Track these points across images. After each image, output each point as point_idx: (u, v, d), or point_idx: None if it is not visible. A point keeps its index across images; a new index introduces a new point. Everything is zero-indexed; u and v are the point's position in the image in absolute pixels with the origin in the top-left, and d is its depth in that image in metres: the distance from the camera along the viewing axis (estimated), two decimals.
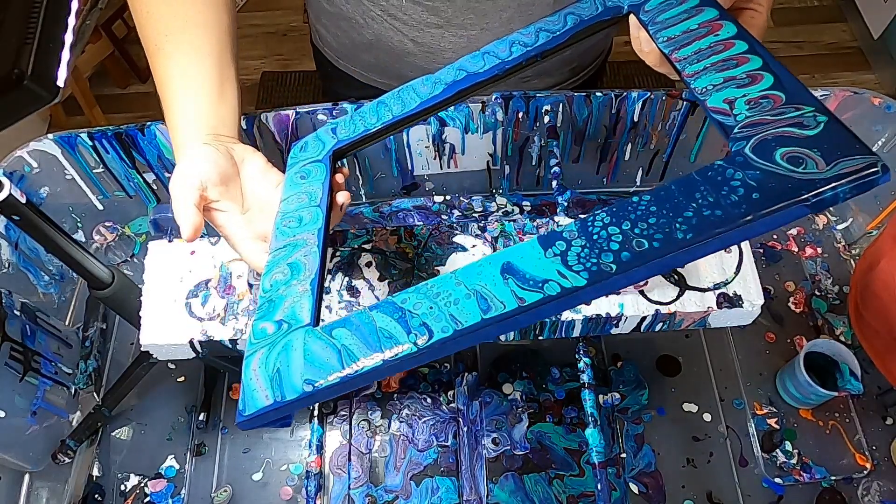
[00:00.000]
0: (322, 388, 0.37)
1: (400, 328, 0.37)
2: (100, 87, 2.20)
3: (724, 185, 0.35)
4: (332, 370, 0.37)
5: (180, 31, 0.57)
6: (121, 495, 0.75)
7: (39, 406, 0.73)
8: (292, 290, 0.45)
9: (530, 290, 0.36)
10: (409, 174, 0.89)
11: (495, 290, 0.37)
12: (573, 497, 0.73)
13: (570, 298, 0.35)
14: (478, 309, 0.36)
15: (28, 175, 0.77)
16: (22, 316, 0.73)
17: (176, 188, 0.51)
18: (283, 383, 0.38)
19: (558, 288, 0.35)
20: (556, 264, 0.36)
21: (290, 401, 0.38)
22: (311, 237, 0.49)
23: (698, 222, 0.35)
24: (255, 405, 0.38)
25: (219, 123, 0.57)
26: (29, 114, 0.37)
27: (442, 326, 0.37)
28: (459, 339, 0.36)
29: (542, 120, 0.81)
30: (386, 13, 0.78)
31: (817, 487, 0.74)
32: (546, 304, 0.35)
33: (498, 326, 0.36)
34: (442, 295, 0.38)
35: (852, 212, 0.88)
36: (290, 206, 0.52)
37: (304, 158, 0.58)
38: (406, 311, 0.38)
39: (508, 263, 0.38)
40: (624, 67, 2.19)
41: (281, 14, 2.41)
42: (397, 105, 0.56)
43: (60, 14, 0.36)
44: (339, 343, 0.39)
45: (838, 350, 0.74)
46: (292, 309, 0.43)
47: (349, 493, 0.74)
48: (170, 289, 0.63)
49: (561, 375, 0.80)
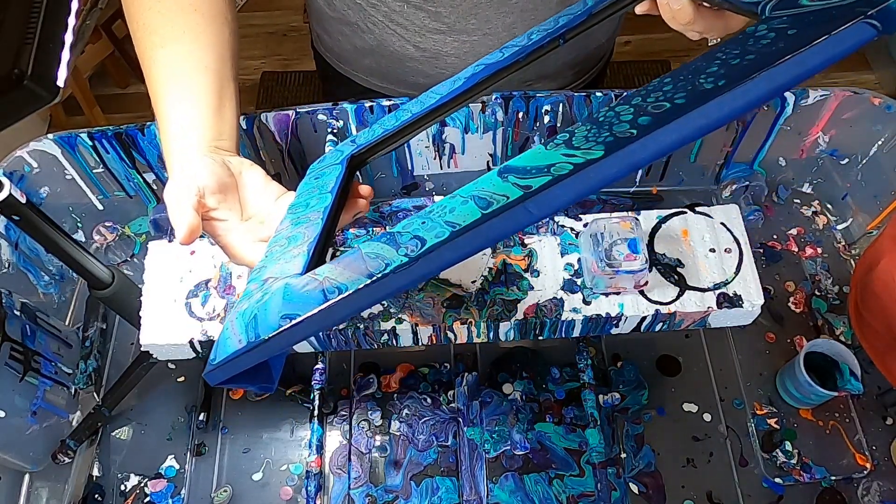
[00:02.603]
0: (302, 321, 0.33)
1: (388, 248, 0.33)
2: (100, 87, 2.20)
3: (750, 38, 0.29)
4: (312, 302, 0.33)
5: (177, 41, 0.56)
6: (121, 495, 0.75)
7: (39, 406, 0.73)
8: (287, 254, 0.42)
9: (534, 176, 0.30)
10: (409, 174, 0.89)
11: (494, 188, 0.31)
12: (573, 497, 0.73)
13: (587, 175, 0.29)
14: (476, 208, 0.31)
15: (28, 175, 0.77)
16: (22, 316, 0.73)
17: (172, 192, 0.50)
18: (258, 325, 0.34)
19: (569, 166, 0.29)
20: (561, 149, 0.31)
21: (265, 340, 0.33)
22: (315, 214, 0.46)
23: (727, 71, 0.28)
24: (226, 350, 0.34)
25: (216, 136, 0.55)
26: (29, 114, 0.37)
27: (436, 233, 0.31)
28: (458, 244, 0.30)
29: (542, 120, 0.81)
30: (388, 18, 0.77)
31: (817, 487, 0.74)
32: (557, 186, 0.29)
33: (502, 221, 0.30)
34: (436, 210, 0.33)
35: (852, 212, 0.88)
36: (300, 199, 0.51)
37: (320, 166, 0.56)
38: (395, 233, 0.34)
39: (506, 166, 0.33)
40: (624, 67, 2.19)
41: (281, 14, 2.41)
42: (416, 107, 0.54)
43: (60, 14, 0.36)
44: (321, 276, 0.34)
45: (838, 350, 0.74)
46: (283, 269, 0.40)
47: (349, 493, 0.74)
48: (170, 289, 0.63)
49: (561, 375, 0.80)
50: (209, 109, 0.55)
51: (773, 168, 0.90)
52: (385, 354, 0.82)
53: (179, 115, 0.55)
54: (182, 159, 0.53)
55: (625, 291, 0.62)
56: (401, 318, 0.61)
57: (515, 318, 0.61)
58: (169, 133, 0.55)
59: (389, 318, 0.61)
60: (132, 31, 0.58)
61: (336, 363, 0.82)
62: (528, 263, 0.64)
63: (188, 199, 0.49)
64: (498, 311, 0.61)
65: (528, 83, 0.87)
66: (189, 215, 0.48)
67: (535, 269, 0.64)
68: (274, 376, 0.38)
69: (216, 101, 0.56)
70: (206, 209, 0.51)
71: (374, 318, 0.61)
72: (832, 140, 0.85)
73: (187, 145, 0.54)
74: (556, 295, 0.62)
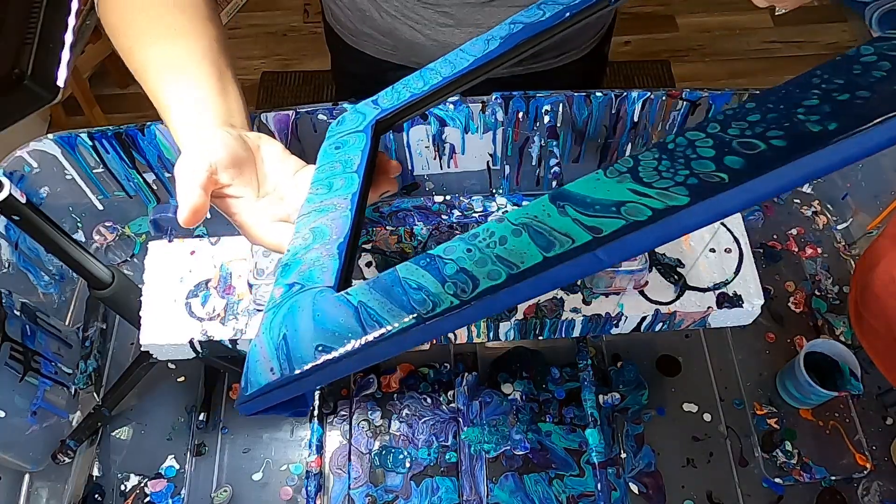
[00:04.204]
0: (340, 358, 0.29)
1: (431, 279, 0.29)
2: (100, 87, 2.20)
3: (855, 65, 0.25)
4: (349, 334, 0.30)
5: (168, 38, 0.55)
6: (121, 495, 0.75)
7: (39, 406, 0.73)
8: (313, 253, 0.38)
9: (601, 215, 0.26)
10: (409, 174, 0.89)
11: (552, 222, 0.27)
12: (573, 497, 0.73)
13: (668, 224, 0.25)
14: (534, 247, 0.27)
15: (28, 175, 0.77)
16: (22, 316, 0.73)
17: (182, 167, 0.46)
18: (290, 353, 0.31)
19: (646, 211, 0.25)
20: (627, 182, 0.27)
21: (301, 374, 0.30)
22: (342, 202, 0.42)
23: (834, 109, 0.24)
24: (258, 380, 0.31)
25: (226, 114, 0.53)
26: (29, 114, 0.37)
27: (489, 272, 0.27)
28: (517, 290, 0.27)
29: (542, 120, 0.81)
30: (399, 12, 0.80)
31: (817, 487, 0.74)
32: (633, 234, 0.25)
33: (568, 268, 0.26)
34: (482, 237, 0.29)
35: (852, 212, 0.88)
36: (322, 175, 0.47)
37: (340, 132, 0.52)
38: (436, 257, 0.30)
39: (561, 193, 0.28)
40: (624, 67, 2.19)
41: (281, 14, 2.41)
42: (446, 68, 0.49)
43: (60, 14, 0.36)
44: (354, 299, 0.31)
45: (838, 350, 0.74)
46: (310, 272, 0.36)
47: (349, 493, 0.74)
48: (170, 289, 0.63)
49: (561, 375, 0.80)
50: (213, 91, 0.54)
51: None
52: None
53: (185, 98, 0.53)
54: (194, 134, 0.51)
55: (625, 291, 0.62)
56: None
57: (515, 318, 0.61)
58: (175, 117, 0.52)
59: None
60: (116, 36, 0.57)
61: None
62: None
63: (198, 176, 0.46)
64: None
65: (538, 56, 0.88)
66: (195, 195, 0.45)
67: None
68: (308, 402, 0.35)
69: (219, 85, 0.55)
70: (218, 186, 0.48)
71: None
72: None
73: (199, 122, 0.51)
74: (556, 295, 0.62)
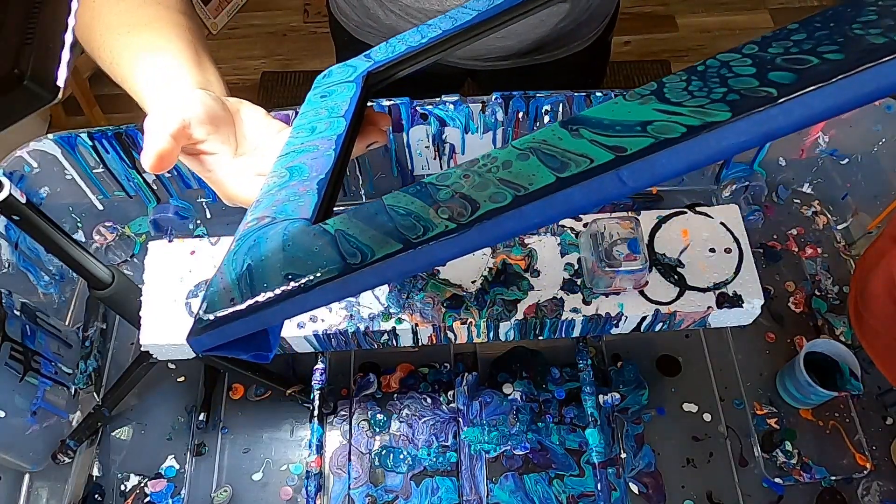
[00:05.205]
0: (312, 288, 0.26)
1: (422, 205, 0.25)
2: (100, 87, 2.20)
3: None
4: (324, 263, 0.26)
5: (145, 26, 0.53)
6: (121, 495, 0.75)
7: (39, 406, 0.73)
8: (289, 190, 0.34)
9: (624, 135, 0.23)
10: (409, 174, 0.89)
11: (563, 144, 0.24)
12: (573, 497, 0.73)
13: (706, 142, 0.22)
14: (545, 169, 0.23)
15: (28, 175, 0.77)
16: (22, 316, 0.73)
17: (152, 118, 0.44)
18: (253, 282, 0.27)
19: (679, 128, 0.22)
20: (653, 103, 0.24)
21: (266, 301, 0.26)
22: (326, 143, 0.38)
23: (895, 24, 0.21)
24: (215, 307, 0.27)
25: (205, 83, 0.51)
26: (29, 114, 0.37)
27: (491, 194, 0.24)
28: (525, 212, 0.23)
29: (542, 120, 0.81)
30: (403, 11, 0.82)
31: (817, 487, 0.74)
32: (664, 152, 0.22)
33: (584, 190, 0.23)
34: (483, 163, 0.25)
35: (852, 212, 0.88)
36: (304, 121, 0.44)
37: (328, 83, 0.49)
38: (428, 185, 0.26)
39: (574, 118, 0.25)
40: (624, 67, 2.19)
41: (281, 14, 2.40)
42: (446, 22, 0.47)
43: (60, 14, 0.36)
44: (332, 228, 0.27)
45: (838, 350, 0.74)
46: (284, 206, 0.32)
47: (349, 493, 0.74)
48: (170, 289, 0.63)
49: (561, 375, 0.80)
50: (189, 63, 0.52)
51: (773, 168, 0.89)
52: (385, 354, 0.82)
53: (160, 74, 0.51)
54: (170, 96, 0.49)
55: (625, 291, 0.62)
56: (401, 319, 0.61)
57: (515, 318, 0.61)
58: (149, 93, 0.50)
59: (389, 318, 0.61)
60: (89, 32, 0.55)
61: (336, 363, 0.82)
62: (528, 263, 0.64)
63: (168, 125, 0.44)
64: (498, 311, 0.61)
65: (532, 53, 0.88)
66: (163, 140, 0.43)
67: (535, 269, 0.64)
68: (272, 343, 0.30)
69: (194, 59, 0.53)
70: (192, 141, 0.47)
71: (374, 318, 0.61)
72: (832, 140, 0.85)
73: (175, 88, 0.50)
74: (556, 295, 0.62)
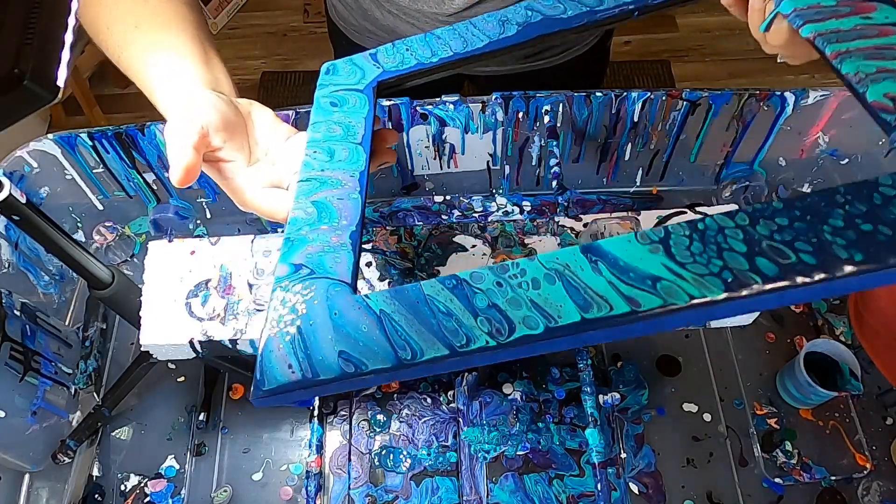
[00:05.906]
0: (367, 372, 0.28)
1: (460, 307, 0.28)
2: (100, 87, 2.20)
3: (875, 193, 0.26)
4: (376, 348, 0.28)
5: (150, 20, 0.54)
6: (121, 495, 0.75)
7: (39, 406, 0.73)
8: (321, 234, 0.36)
9: (636, 286, 0.26)
10: (409, 174, 0.89)
11: (585, 278, 0.27)
12: (573, 497, 0.73)
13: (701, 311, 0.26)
14: (570, 302, 0.27)
15: (28, 175, 0.77)
16: (22, 316, 0.73)
17: (172, 128, 0.45)
18: (309, 352, 0.30)
19: (683, 296, 0.26)
20: (660, 256, 0.27)
21: (326, 381, 0.29)
22: (349, 179, 0.40)
23: (860, 239, 0.25)
24: (276, 378, 0.30)
25: (214, 83, 0.52)
26: (29, 114, 0.37)
27: (523, 317, 0.27)
28: (554, 343, 0.27)
29: (542, 120, 0.81)
30: (401, 12, 0.83)
31: (817, 487, 0.74)
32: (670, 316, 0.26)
33: (604, 333, 0.27)
34: (513, 273, 0.28)
35: None
36: (319, 136, 0.45)
37: (336, 84, 0.50)
38: (464, 282, 0.29)
39: (593, 249, 0.28)
40: (624, 67, 2.19)
41: (281, 14, 2.40)
42: (457, 41, 0.49)
43: (60, 14, 0.36)
44: (376, 307, 0.29)
45: (838, 350, 0.74)
46: (320, 258, 0.34)
47: (349, 493, 0.74)
48: (170, 289, 0.63)
49: (561, 375, 0.80)
50: (197, 61, 0.53)
51: (773, 168, 0.89)
52: None
53: (170, 69, 0.51)
54: (182, 98, 0.49)
55: None
56: None
57: None
58: (160, 88, 0.51)
59: None
60: (96, 23, 0.56)
61: None
62: None
63: (189, 136, 0.45)
64: None
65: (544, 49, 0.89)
66: (188, 154, 0.44)
67: None
68: None
69: (202, 56, 0.53)
70: (210, 149, 0.47)
71: None
72: (832, 140, 0.85)
73: (187, 88, 0.50)
74: None
